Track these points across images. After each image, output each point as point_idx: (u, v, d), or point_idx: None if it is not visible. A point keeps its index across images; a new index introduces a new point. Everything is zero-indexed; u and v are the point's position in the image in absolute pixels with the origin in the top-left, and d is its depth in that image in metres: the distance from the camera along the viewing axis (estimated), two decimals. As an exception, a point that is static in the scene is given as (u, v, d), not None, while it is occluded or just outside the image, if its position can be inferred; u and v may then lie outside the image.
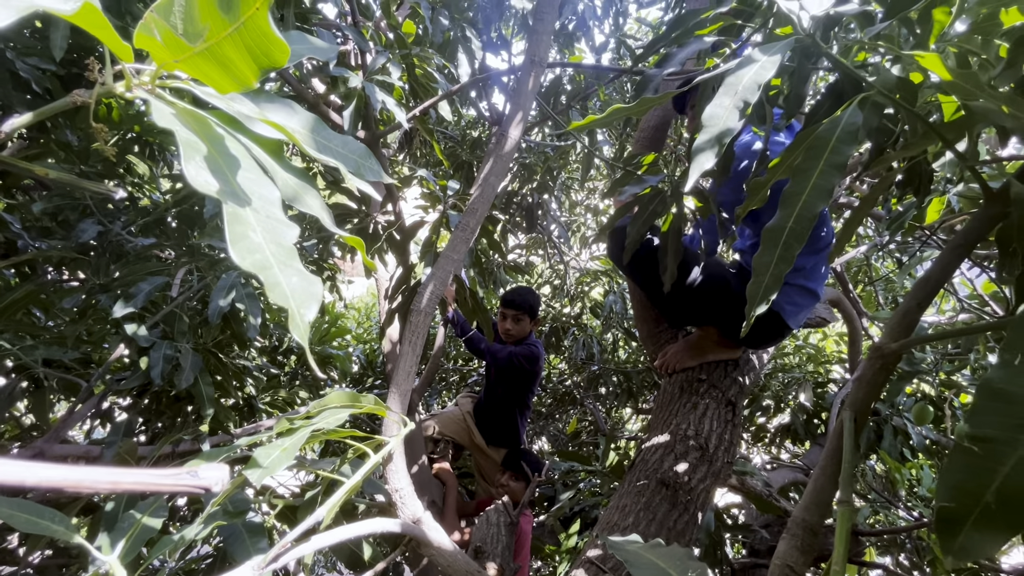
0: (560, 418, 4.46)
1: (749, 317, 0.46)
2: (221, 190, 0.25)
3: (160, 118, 0.25)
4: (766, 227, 0.46)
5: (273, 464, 0.50)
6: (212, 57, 0.25)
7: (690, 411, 1.36)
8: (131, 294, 1.41)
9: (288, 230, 0.28)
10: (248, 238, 0.25)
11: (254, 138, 0.34)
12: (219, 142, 0.27)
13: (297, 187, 0.36)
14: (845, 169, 0.44)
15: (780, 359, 3.68)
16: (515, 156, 2.47)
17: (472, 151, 2.49)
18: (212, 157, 0.26)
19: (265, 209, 0.27)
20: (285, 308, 0.27)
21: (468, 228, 0.72)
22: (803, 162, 0.46)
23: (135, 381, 1.48)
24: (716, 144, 0.45)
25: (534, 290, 2.50)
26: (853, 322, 2.53)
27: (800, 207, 0.44)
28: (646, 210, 1.14)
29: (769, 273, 0.44)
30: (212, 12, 0.23)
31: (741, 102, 0.45)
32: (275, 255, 0.26)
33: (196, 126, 0.27)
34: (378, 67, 1.32)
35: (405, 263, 1.69)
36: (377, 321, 4.54)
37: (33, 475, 0.18)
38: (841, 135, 0.45)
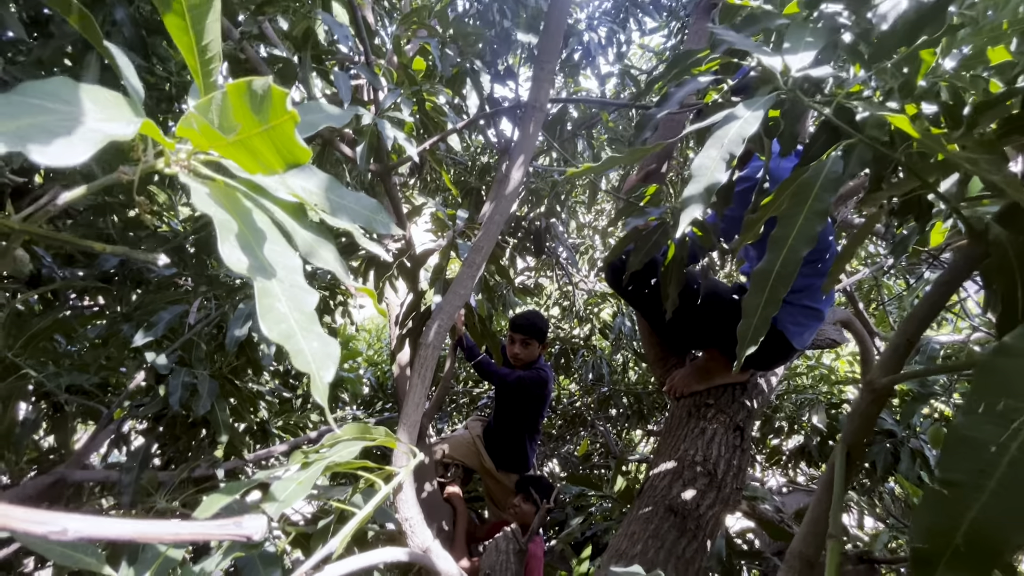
0: (571, 440, 4.43)
1: (740, 357, 0.48)
2: (251, 266, 0.28)
3: (198, 201, 0.28)
4: (754, 271, 0.49)
5: (289, 498, 0.52)
6: (243, 147, 0.29)
7: (698, 436, 1.36)
8: (152, 323, 1.45)
9: (309, 296, 0.31)
10: (275, 309, 0.28)
11: (276, 202, 0.38)
12: (247, 216, 0.31)
13: (314, 243, 0.40)
14: (827, 215, 0.47)
15: (792, 380, 3.64)
16: (522, 182, 2.53)
17: (481, 177, 2.54)
18: (242, 234, 0.29)
19: (289, 278, 0.30)
20: (307, 372, 0.30)
21: (474, 265, 0.75)
22: (789, 208, 0.48)
23: (154, 407, 1.52)
24: (705, 194, 0.48)
25: (542, 314, 2.52)
26: (864, 342, 2.51)
27: (786, 251, 0.46)
28: (648, 240, 1.17)
29: (757, 315, 0.47)
30: (245, 113, 0.27)
31: (727, 154, 0.48)
32: (298, 322, 0.29)
33: (226, 200, 0.31)
34: (390, 104, 1.38)
35: (415, 289, 1.72)
36: (388, 343, 4.58)
37: (110, 530, 0.21)
38: (824, 183, 0.48)
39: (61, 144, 0.20)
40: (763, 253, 1.59)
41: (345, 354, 3.47)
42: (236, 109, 0.27)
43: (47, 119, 0.20)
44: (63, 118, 0.21)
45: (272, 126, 0.27)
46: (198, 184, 0.30)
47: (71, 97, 0.23)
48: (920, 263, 1.86)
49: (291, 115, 0.27)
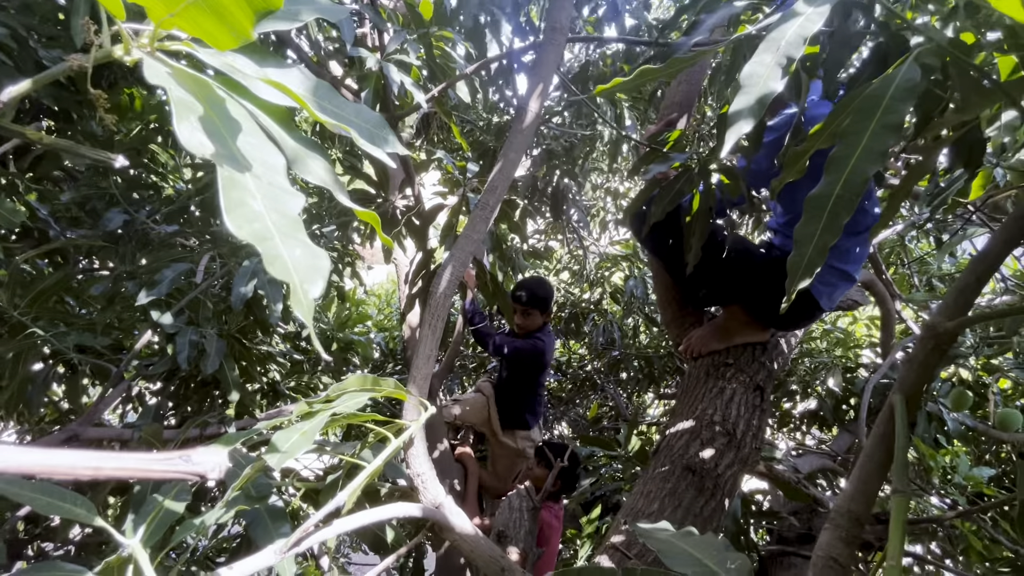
0: (581, 403, 4.45)
1: (790, 292, 0.42)
2: (217, 153, 0.23)
3: (152, 75, 0.23)
4: (809, 195, 0.43)
5: (292, 448, 0.49)
6: (207, 7, 0.23)
7: (716, 396, 1.32)
8: (155, 281, 1.42)
9: (292, 199, 0.25)
10: (247, 205, 0.23)
11: (259, 104, 0.32)
12: (219, 105, 0.25)
13: (302, 152, 0.34)
14: (901, 130, 0.40)
15: (807, 343, 3.59)
16: (540, 144, 2.43)
17: (498, 138, 2.44)
18: (209, 119, 0.23)
19: (268, 176, 0.25)
20: (287, 282, 0.24)
21: (488, 207, 0.69)
22: (852, 124, 0.42)
23: (163, 366, 1.51)
24: (756, 106, 0.41)
25: (546, 282, 2.47)
26: (886, 304, 2.44)
27: (849, 172, 0.40)
28: (671, 189, 1.10)
29: (812, 245, 0.41)
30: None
31: (784, 59, 0.41)
32: (277, 225, 0.24)
33: (195, 88, 0.25)
34: (395, 48, 1.29)
35: (424, 248, 1.67)
36: (397, 308, 4.57)
37: (29, 461, 0.17)
38: (896, 92, 0.41)
39: None
40: (793, 206, 1.50)
41: (355, 318, 3.46)
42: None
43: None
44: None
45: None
46: (158, 62, 0.24)
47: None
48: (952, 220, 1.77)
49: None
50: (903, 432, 0.40)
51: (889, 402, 0.47)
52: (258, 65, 0.32)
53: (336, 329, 3.22)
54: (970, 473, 2.14)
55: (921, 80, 0.52)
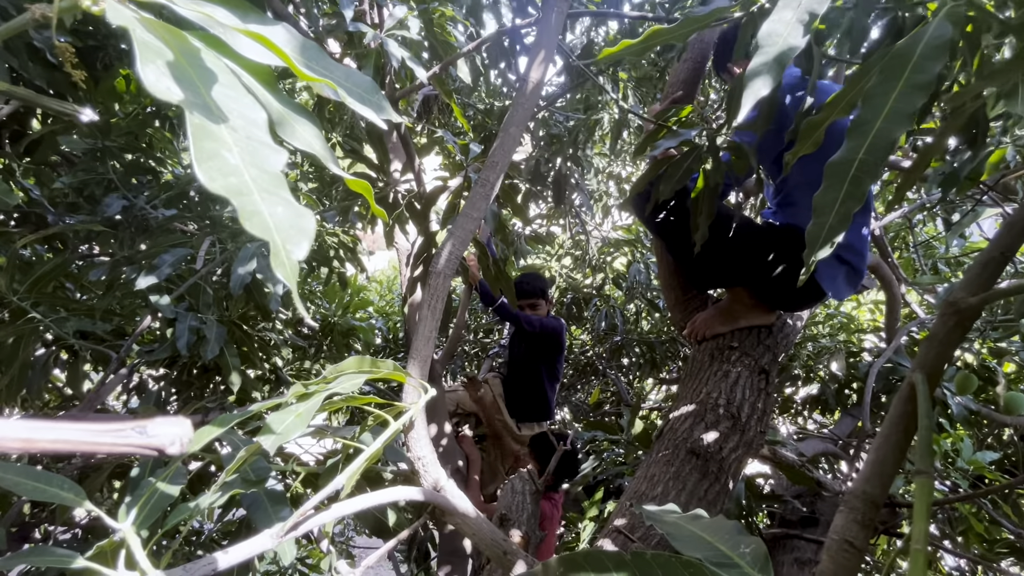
0: (582, 389, 4.45)
1: (809, 262, 0.40)
2: (187, 100, 0.20)
3: (116, 17, 0.21)
4: (829, 162, 0.40)
5: (287, 430, 0.47)
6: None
7: (721, 379, 1.31)
8: (154, 265, 1.41)
9: (274, 155, 0.23)
10: (221, 157, 0.20)
11: (241, 61, 0.30)
12: (193, 55, 0.23)
13: (288, 116, 0.32)
14: (931, 90, 0.38)
15: (810, 328, 3.57)
16: (542, 128, 2.38)
17: (500, 121, 2.40)
18: (180, 66, 0.21)
19: (246, 130, 0.22)
20: (266, 239, 0.22)
21: (488, 183, 0.67)
22: (878, 85, 0.39)
23: (163, 352, 1.50)
24: (775, 66, 0.39)
25: (538, 273, 2.47)
26: (891, 287, 2.41)
27: (875, 135, 0.37)
28: (679, 167, 1.07)
29: (834, 212, 0.38)
30: None
31: (806, 14, 0.38)
32: (255, 180, 0.22)
33: (167, 37, 0.23)
34: (396, 23, 1.26)
35: (426, 231, 1.65)
36: (399, 294, 4.56)
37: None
38: (926, 50, 0.39)
39: None
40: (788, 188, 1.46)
41: (356, 303, 3.44)
42: None
43: None
44: None
45: None
46: (125, 8, 0.22)
47: None
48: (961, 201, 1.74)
49: None
50: (927, 412, 0.38)
51: (909, 380, 0.45)
52: (240, 20, 0.29)
53: (338, 315, 3.21)
54: (973, 457, 2.13)
55: (954, 35, 0.49)
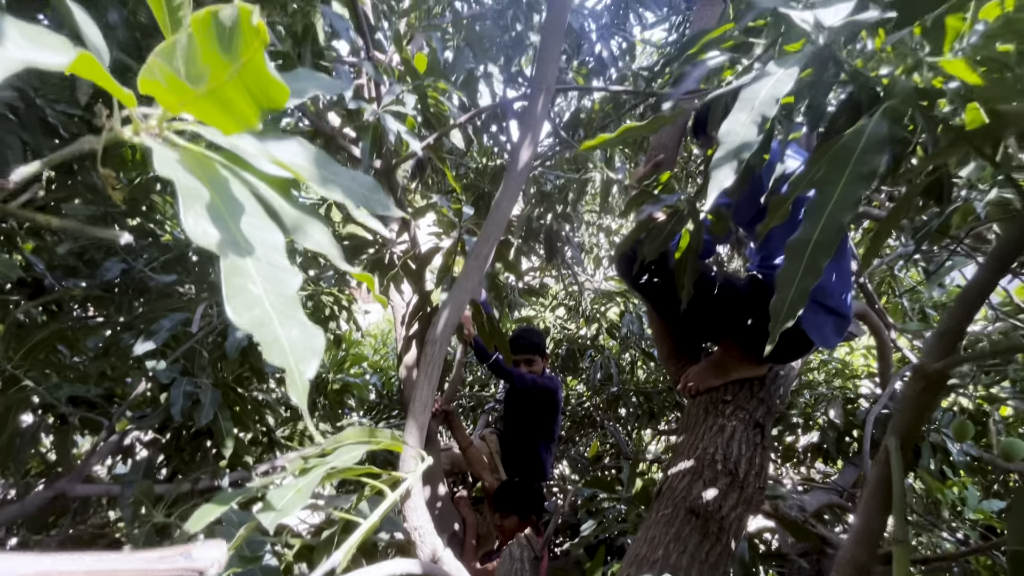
0: (580, 442, 4.37)
1: (773, 334, 0.43)
2: (221, 241, 0.24)
3: (162, 166, 0.24)
4: (789, 241, 0.44)
5: (288, 506, 0.48)
6: (214, 99, 0.25)
7: (717, 434, 1.31)
8: (152, 331, 1.42)
9: (291, 278, 0.26)
10: (247, 291, 0.24)
11: (260, 176, 0.34)
12: (223, 185, 0.27)
13: (303, 221, 0.35)
14: (873, 179, 0.43)
15: (806, 375, 3.58)
16: (533, 185, 2.49)
17: (492, 182, 2.51)
18: (214, 204, 0.25)
19: (267, 256, 0.26)
20: (283, 366, 0.25)
21: (481, 256, 0.71)
22: (827, 173, 0.44)
23: (156, 418, 1.49)
24: (734, 160, 0.44)
25: (534, 327, 2.49)
26: (880, 334, 2.45)
27: (826, 218, 0.42)
28: (662, 229, 1.12)
29: (794, 287, 0.42)
30: (213, 54, 0.23)
31: (759, 116, 0.43)
32: (275, 306, 0.25)
33: (199, 169, 0.27)
34: (392, 99, 1.34)
35: (421, 290, 1.68)
36: (394, 348, 4.54)
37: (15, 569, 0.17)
38: (867, 144, 0.44)
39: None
40: (768, 250, 1.53)
41: (351, 358, 3.43)
42: (203, 51, 0.23)
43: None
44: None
45: (243, 63, 0.23)
46: (164, 147, 0.26)
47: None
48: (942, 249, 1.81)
49: (260, 35, 0.22)
50: (899, 479, 0.40)
51: (884, 445, 0.47)
52: (260, 140, 0.33)
53: (332, 372, 3.19)
54: (979, 506, 2.10)
55: (888, 133, 0.55)
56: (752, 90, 0.45)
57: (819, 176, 0.44)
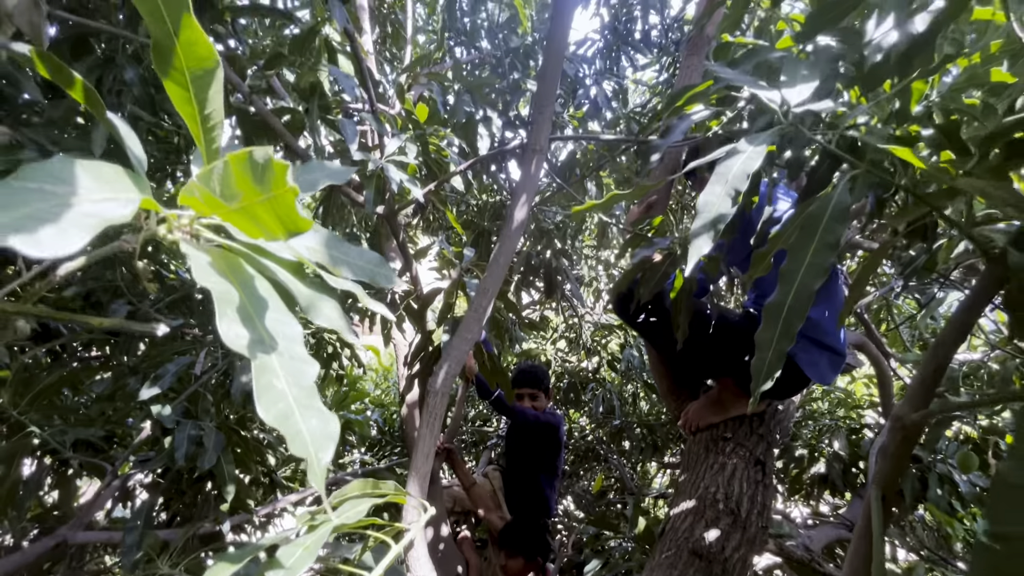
0: (584, 476, 4.31)
1: (755, 393, 0.46)
2: (251, 342, 0.27)
3: (199, 273, 0.28)
4: (766, 304, 0.48)
5: (296, 565, 0.50)
6: (245, 213, 0.28)
7: (718, 473, 1.31)
8: (158, 375, 1.44)
9: (309, 368, 0.30)
10: (272, 387, 0.27)
11: (278, 261, 0.37)
12: (249, 284, 0.30)
13: (315, 299, 0.39)
14: (839, 247, 0.46)
15: (809, 404, 3.56)
16: (532, 222, 2.55)
17: (493, 219, 2.57)
18: (243, 305, 0.28)
19: (288, 349, 0.29)
20: (304, 457, 0.28)
21: (480, 308, 0.74)
22: (797, 240, 0.47)
23: (159, 463, 1.49)
24: (711, 230, 0.47)
25: (538, 365, 2.50)
26: (880, 364, 2.46)
27: (797, 285, 0.45)
28: (656, 271, 1.16)
29: (772, 350, 0.45)
30: (247, 182, 0.27)
31: (732, 190, 0.47)
32: (296, 399, 0.28)
33: (228, 268, 0.30)
34: (395, 149, 1.40)
35: (424, 330, 1.71)
36: (395, 382, 4.53)
37: None
38: (833, 213, 0.47)
39: (51, 234, 0.19)
40: (765, 287, 1.58)
41: (353, 395, 3.42)
42: (237, 178, 0.26)
43: (41, 207, 0.20)
44: (57, 203, 0.21)
45: (274, 195, 0.27)
46: (199, 253, 0.29)
47: (69, 177, 0.22)
48: (931, 282, 1.84)
49: (292, 189, 0.26)
50: (879, 534, 0.42)
51: (866, 498, 0.49)
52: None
53: (334, 409, 3.19)
54: (990, 540, 2.06)
55: (865, 180, 0.59)
56: (726, 165, 0.49)
57: (792, 241, 0.48)
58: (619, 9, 2.97)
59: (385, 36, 3.35)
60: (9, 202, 0.19)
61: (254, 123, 1.47)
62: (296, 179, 0.41)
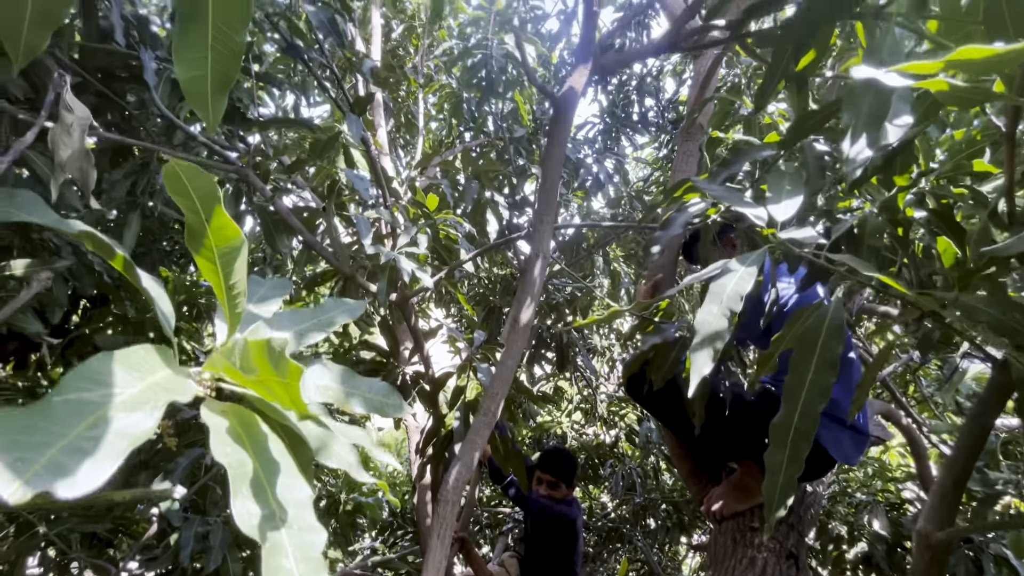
0: (608, 559, 4.04)
1: (769, 519, 0.45)
2: (262, 520, 0.28)
3: (217, 446, 0.30)
4: (773, 423, 0.48)
5: None
6: (261, 385, 0.31)
7: (747, 569, 1.23)
8: (169, 470, 1.44)
9: (317, 537, 0.30)
10: (282, 568, 0.27)
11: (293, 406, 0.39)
12: (263, 446, 0.32)
13: (326, 440, 0.40)
14: (837, 364, 0.47)
15: (842, 476, 3.37)
16: (542, 295, 2.59)
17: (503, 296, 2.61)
18: (256, 475, 0.30)
19: (298, 519, 0.30)
20: None
21: (490, 412, 0.75)
22: (797, 355, 0.48)
23: (164, 563, 1.45)
24: (710, 348, 0.49)
25: (569, 454, 2.40)
26: (911, 434, 2.36)
27: (802, 405, 0.45)
28: (667, 357, 1.16)
29: (782, 475, 0.45)
30: (263, 363, 0.29)
31: (728, 310, 0.49)
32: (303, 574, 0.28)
33: (242, 428, 0.32)
34: (407, 240, 1.47)
35: (436, 414, 1.70)
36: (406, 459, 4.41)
37: None
38: (829, 330, 0.48)
39: (87, 468, 0.21)
40: (783, 361, 1.54)
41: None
42: (256, 358, 0.29)
43: (78, 433, 0.22)
44: (93, 424, 0.23)
45: (288, 382, 0.29)
46: (217, 419, 0.31)
47: (106, 375, 0.25)
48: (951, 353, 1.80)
49: (300, 371, 0.29)
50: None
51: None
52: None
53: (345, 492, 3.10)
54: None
55: (846, 317, 0.60)
56: (720, 285, 0.51)
57: (792, 357, 0.48)
58: (616, 95, 3.17)
59: (399, 125, 3.59)
60: (49, 434, 0.21)
61: (275, 220, 1.56)
62: (315, 316, 0.44)
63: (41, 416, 0.22)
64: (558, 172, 0.90)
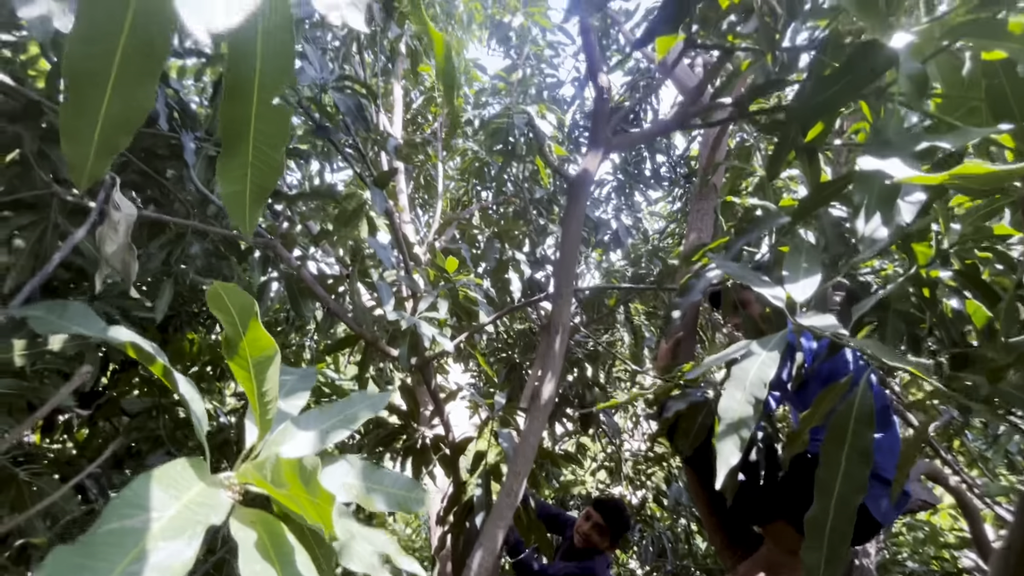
0: (642, 635, 3.76)
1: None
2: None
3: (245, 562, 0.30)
4: (807, 516, 0.46)
5: None
6: (290, 499, 0.31)
7: (793, 656, 1.14)
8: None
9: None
10: None
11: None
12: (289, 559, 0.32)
13: (348, 542, 0.40)
14: (870, 453, 0.45)
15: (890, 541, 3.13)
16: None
17: (524, 352, 2.60)
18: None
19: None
20: None
21: (512, 493, 0.73)
22: (827, 446, 0.47)
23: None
24: (735, 434, 0.48)
25: (628, 512, 2.27)
26: (960, 496, 2.20)
27: (836, 500, 0.43)
28: (693, 422, 1.13)
29: (822, 573, 0.42)
30: (294, 479, 0.30)
31: (752, 397, 0.49)
32: None
33: (270, 539, 0.32)
34: (428, 305, 1.50)
35: (457, 480, 1.66)
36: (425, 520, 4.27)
37: None
38: (859, 416, 0.47)
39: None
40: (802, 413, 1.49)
41: (382, 542, 3.22)
42: (287, 475, 0.30)
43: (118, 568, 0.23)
44: (133, 558, 0.24)
45: (318, 502, 0.30)
46: (246, 531, 0.32)
47: (145, 497, 0.26)
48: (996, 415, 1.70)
49: (331, 498, 0.29)
50: None
51: None
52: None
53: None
54: None
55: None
56: (742, 369, 0.51)
57: (823, 447, 0.47)
58: (628, 153, 3.26)
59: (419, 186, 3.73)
60: (95, 573, 0.22)
61: (300, 287, 1.61)
62: (341, 413, 0.45)
63: (88, 554, 0.23)
64: (575, 246, 0.92)
